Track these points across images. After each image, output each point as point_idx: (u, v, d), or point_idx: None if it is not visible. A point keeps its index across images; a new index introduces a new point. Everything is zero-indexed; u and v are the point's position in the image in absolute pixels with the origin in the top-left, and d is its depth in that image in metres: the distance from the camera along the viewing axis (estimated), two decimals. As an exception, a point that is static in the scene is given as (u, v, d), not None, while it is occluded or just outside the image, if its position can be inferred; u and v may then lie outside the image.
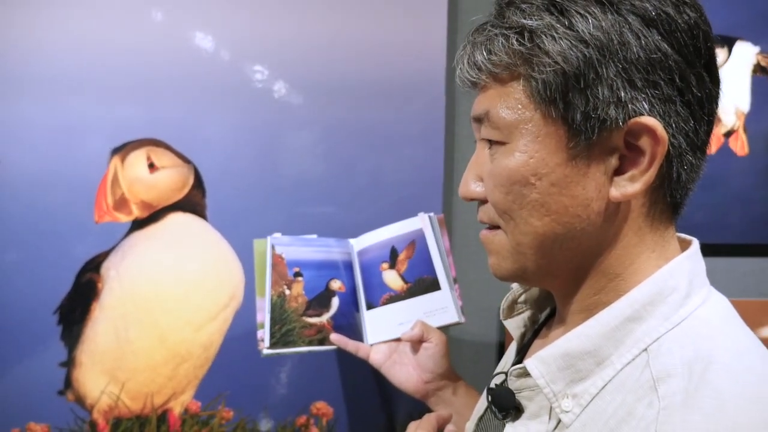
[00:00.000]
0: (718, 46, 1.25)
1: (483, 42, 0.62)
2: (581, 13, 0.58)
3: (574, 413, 0.60)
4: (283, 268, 1.06)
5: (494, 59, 0.60)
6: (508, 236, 0.63)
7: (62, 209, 1.13)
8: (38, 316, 1.14)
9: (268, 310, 1.03)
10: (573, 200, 0.60)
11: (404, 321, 1.04)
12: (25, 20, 1.11)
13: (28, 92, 1.12)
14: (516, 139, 0.60)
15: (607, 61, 0.57)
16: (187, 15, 1.15)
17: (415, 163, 1.22)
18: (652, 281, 0.60)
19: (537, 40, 0.58)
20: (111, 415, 1.16)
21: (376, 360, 1.04)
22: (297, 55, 1.17)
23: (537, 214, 0.61)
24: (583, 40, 0.57)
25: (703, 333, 0.58)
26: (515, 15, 0.60)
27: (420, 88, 1.21)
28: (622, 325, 0.60)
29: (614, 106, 0.57)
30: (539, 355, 0.62)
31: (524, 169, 0.60)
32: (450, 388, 1.01)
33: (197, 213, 1.16)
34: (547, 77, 0.58)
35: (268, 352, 1.01)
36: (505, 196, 0.62)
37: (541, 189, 0.60)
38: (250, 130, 1.18)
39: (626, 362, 0.59)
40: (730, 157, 1.28)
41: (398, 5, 1.19)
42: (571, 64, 0.57)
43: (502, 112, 0.61)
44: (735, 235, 1.30)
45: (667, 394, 0.54)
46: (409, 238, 1.09)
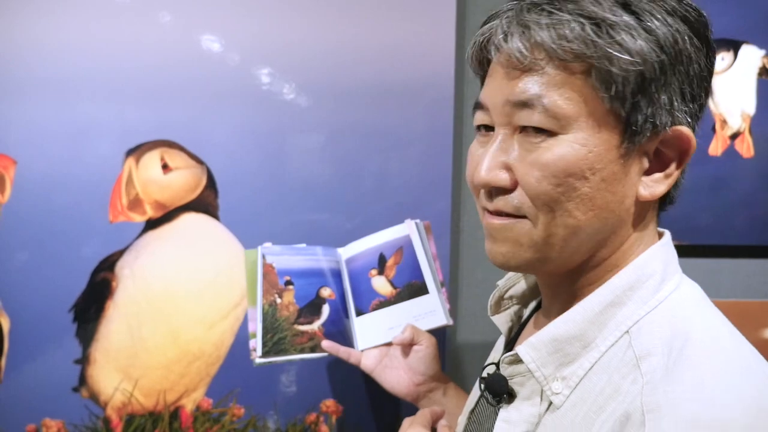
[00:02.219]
0: (724, 49, 1.26)
1: (551, 24, 0.59)
2: (658, 18, 0.59)
3: (563, 395, 0.63)
4: (274, 277, 1.07)
5: (565, 45, 0.58)
6: (538, 227, 0.63)
7: (77, 210, 1.15)
8: (53, 314, 1.16)
9: (259, 319, 1.05)
10: (614, 197, 0.62)
11: (394, 325, 1.05)
12: (36, 24, 1.13)
13: (41, 95, 1.14)
14: (574, 130, 0.60)
15: (675, 70, 0.60)
16: (198, 18, 1.16)
17: (423, 166, 1.23)
18: (631, 268, 0.64)
19: (616, 35, 0.58)
20: (124, 411, 1.18)
21: (368, 365, 1.05)
22: (306, 58, 1.19)
23: (583, 207, 0.61)
24: (660, 46, 0.59)
25: (679, 314, 0.62)
26: (591, 5, 0.59)
27: (428, 90, 1.22)
28: (604, 310, 0.63)
29: (666, 113, 0.60)
30: (530, 342, 0.65)
31: (582, 163, 0.60)
32: (440, 389, 1.02)
33: (210, 213, 1.18)
34: (626, 75, 0.58)
35: (261, 361, 1.03)
36: (554, 188, 0.60)
37: (593, 183, 0.60)
38: (258, 133, 1.19)
39: (610, 344, 0.62)
40: (736, 159, 1.29)
41: (406, 8, 1.20)
42: (648, 66, 0.58)
43: (561, 100, 0.59)
44: (740, 236, 1.31)
45: (649, 370, 0.58)
46: (397, 244, 1.11)
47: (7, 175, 1.14)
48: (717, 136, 1.28)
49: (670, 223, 0.72)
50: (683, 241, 1.27)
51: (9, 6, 1.12)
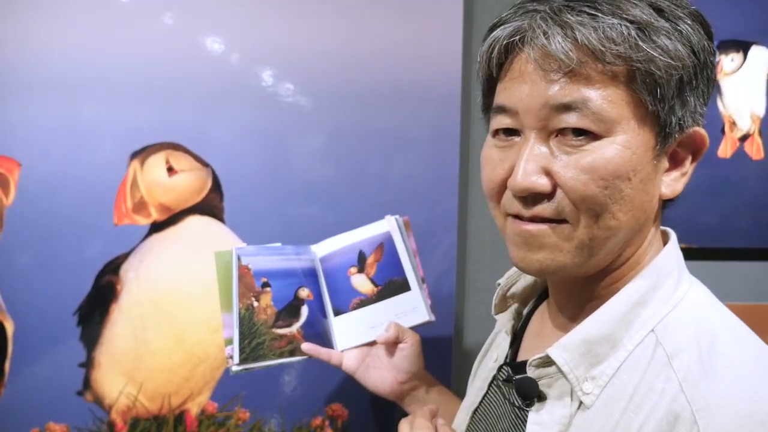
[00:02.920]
0: (734, 50, 1.25)
1: (596, 26, 0.59)
2: (688, 24, 0.61)
3: (594, 394, 0.64)
4: (250, 279, 1.02)
5: (612, 47, 0.58)
6: (579, 230, 0.62)
7: (82, 212, 1.15)
8: (57, 317, 1.15)
9: (236, 324, 1.00)
10: (647, 196, 0.64)
11: (376, 324, 1.03)
12: (41, 26, 1.12)
13: (46, 97, 1.13)
14: (616, 133, 0.60)
15: (702, 75, 0.62)
16: (202, 20, 1.16)
17: (430, 167, 1.22)
18: (653, 268, 0.66)
19: (658, 39, 0.59)
20: (129, 415, 1.17)
21: (350, 366, 1.02)
22: (311, 59, 1.18)
23: (625, 208, 0.62)
24: (693, 50, 0.61)
25: (699, 312, 0.65)
26: (633, 8, 0.59)
27: (435, 91, 1.21)
28: (630, 310, 0.65)
29: (690, 115, 0.63)
30: (561, 343, 0.66)
31: (628, 165, 0.60)
32: (423, 387, 1.02)
33: (215, 216, 1.18)
34: (669, 78, 0.60)
35: (238, 368, 0.98)
36: (602, 190, 0.60)
37: (634, 185, 0.61)
38: (263, 134, 1.19)
39: (636, 343, 0.64)
40: (746, 161, 1.28)
41: (413, 7, 1.20)
42: (687, 70, 0.61)
43: (605, 104, 0.60)
44: (750, 239, 1.30)
45: (682, 367, 0.60)
46: (377, 240, 1.08)
47: (12, 177, 1.13)
48: (726, 138, 1.27)
49: (680, 225, 0.73)
50: (692, 243, 1.26)
51: (13, 8, 1.12)
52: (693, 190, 1.26)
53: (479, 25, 1.23)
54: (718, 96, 1.27)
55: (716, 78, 0.67)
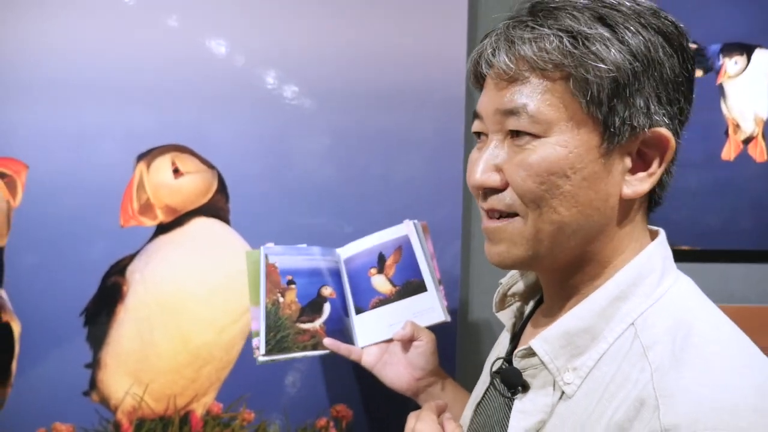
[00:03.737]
0: (737, 53, 1.25)
1: (532, 38, 0.65)
2: (630, 30, 0.65)
3: (575, 384, 0.67)
4: (277, 277, 1.09)
5: (545, 56, 0.65)
6: (528, 224, 0.68)
7: (88, 214, 1.16)
8: (64, 318, 1.16)
9: (263, 318, 1.05)
10: (597, 194, 0.67)
11: (394, 322, 1.07)
12: (46, 29, 1.13)
13: (52, 99, 1.14)
14: (555, 133, 0.66)
15: (648, 76, 0.65)
16: (206, 22, 1.17)
17: (433, 169, 1.23)
18: (633, 265, 0.69)
19: (591, 46, 0.64)
20: (135, 416, 1.18)
21: (368, 361, 1.07)
22: (315, 61, 1.19)
23: (567, 204, 0.67)
24: (633, 54, 0.64)
25: (679, 306, 0.68)
26: (569, 20, 0.65)
27: (438, 93, 1.21)
28: (610, 305, 0.68)
29: (643, 115, 0.66)
30: (542, 336, 0.70)
31: (563, 162, 0.65)
32: (438, 384, 1.05)
33: (221, 218, 1.18)
34: (601, 81, 0.64)
35: (264, 359, 1.03)
36: (538, 186, 0.66)
37: (575, 182, 0.66)
38: (267, 136, 1.19)
39: (616, 336, 0.67)
40: (749, 163, 1.28)
41: (417, 10, 1.20)
42: (622, 73, 0.64)
43: (543, 106, 0.65)
44: (753, 241, 1.30)
45: (656, 358, 0.63)
46: (396, 244, 1.13)
47: (19, 179, 1.14)
48: (730, 141, 1.28)
49: (683, 227, 0.75)
50: (695, 245, 1.26)
51: (18, 10, 1.12)
52: (696, 192, 1.26)
53: (483, 28, 1.23)
54: (721, 98, 1.27)
55: (684, 79, 0.68)
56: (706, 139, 1.27)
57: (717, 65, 1.25)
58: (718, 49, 1.24)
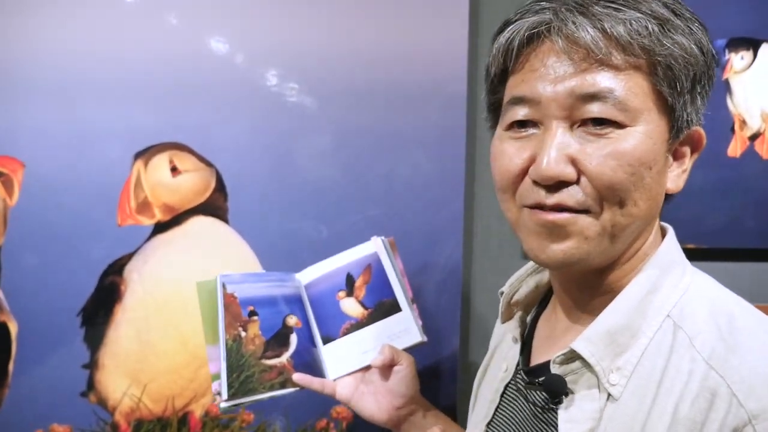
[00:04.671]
0: (744, 48, 1.23)
1: (624, 19, 0.60)
2: (697, 26, 0.64)
3: (621, 385, 0.65)
4: (237, 308, 0.98)
5: (638, 39, 0.61)
6: (602, 218, 0.64)
7: (85, 213, 1.14)
8: (61, 318, 1.15)
9: (223, 357, 0.95)
10: (660, 188, 0.66)
11: (368, 349, 1.00)
12: (44, 27, 1.12)
13: (49, 97, 1.13)
14: (639, 123, 0.63)
15: (708, 75, 0.65)
16: (206, 21, 1.15)
17: (435, 169, 1.21)
18: (658, 258, 0.69)
19: (675, 35, 0.62)
20: (132, 417, 1.17)
21: (343, 394, 1.00)
22: (315, 60, 1.18)
23: (645, 196, 0.64)
24: (703, 51, 0.64)
25: (709, 295, 0.68)
26: (654, 4, 0.62)
27: (440, 92, 1.20)
28: (644, 298, 0.66)
29: (695, 112, 0.65)
30: (585, 336, 0.66)
31: (650, 154, 0.63)
32: (420, 411, 1.00)
33: (219, 216, 1.17)
34: (687, 73, 0.63)
35: (227, 405, 0.94)
36: (629, 176, 0.62)
37: (653, 175, 0.64)
38: (267, 135, 1.18)
39: (655, 330, 0.66)
40: (756, 160, 1.26)
41: (419, 9, 1.19)
42: (699, 68, 0.64)
43: (630, 94, 0.62)
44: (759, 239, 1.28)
45: (705, 347, 0.62)
46: (364, 262, 1.05)
47: (15, 177, 1.13)
48: (736, 137, 1.26)
49: (688, 225, 0.75)
50: (701, 244, 1.25)
51: (17, 9, 1.11)
52: (702, 190, 1.24)
53: (485, 26, 1.22)
54: (727, 94, 1.25)
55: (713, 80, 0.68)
56: (712, 135, 1.23)
57: (723, 60, 1.23)
58: (724, 44, 1.22)
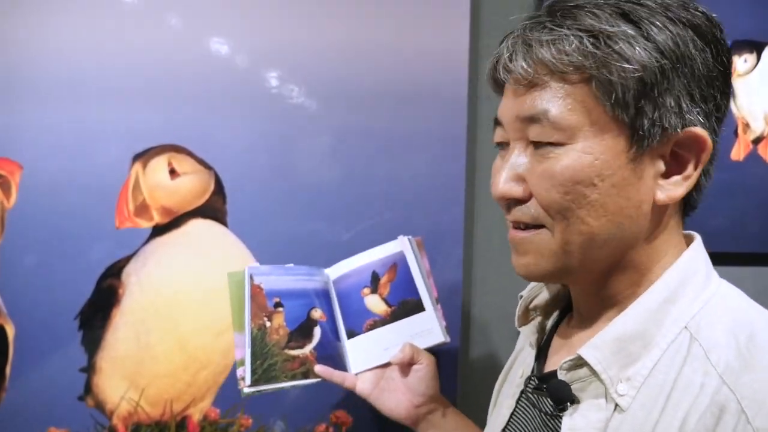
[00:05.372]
0: (747, 51, 1.22)
1: (550, 41, 0.62)
2: (656, 25, 0.61)
3: (630, 396, 0.63)
4: (263, 299, 1.01)
5: (564, 59, 0.61)
6: (555, 235, 0.65)
7: (83, 215, 1.14)
8: (59, 321, 1.14)
9: (248, 345, 0.98)
10: (628, 202, 0.63)
11: (390, 346, 1.01)
12: (43, 28, 1.11)
13: (48, 99, 1.12)
14: (578, 140, 0.62)
15: (677, 73, 0.61)
16: (206, 21, 1.15)
17: (436, 171, 1.21)
18: (678, 267, 0.66)
19: (614, 45, 0.60)
20: (130, 421, 1.16)
21: (364, 389, 1.01)
22: (315, 61, 1.17)
23: (595, 214, 0.63)
24: (660, 51, 0.61)
25: (732, 306, 0.65)
26: (589, 18, 0.62)
27: (441, 93, 1.19)
28: (660, 307, 0.64)
29: (675, 115, 0.62)
30: (592, 343, 0.65)
31: (589, 170, 0.62)
32: (439, 411, 1.00)
33: (218, 219, 1.16)
34: (626, 82, 0.60)
35: (250, 390, 0.97)
36: (563, 196, 0.63)
37: (603, 190, 0.62)
38: (267, 137, 1.17)
39: (670, 341, 0.63)
40: (759, 164, 1.25)
41: (419, 10, 1.18)
42: (648, 72, 0.60)
43: (564, 112, 0.62)
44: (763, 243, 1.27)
45: (720, 360, 0.60)
46: (390, 261, 1.06)
47: (13, 180, 1.12)
48: (739, 141, 1.25)
49: (691, 228, 0.74)
50: (704, 248, 1.24)
51: (16, 9, 1.11)
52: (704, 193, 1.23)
53: (486, 27, 1.21)
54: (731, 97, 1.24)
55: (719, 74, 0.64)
56: (715, 138, 1.24)
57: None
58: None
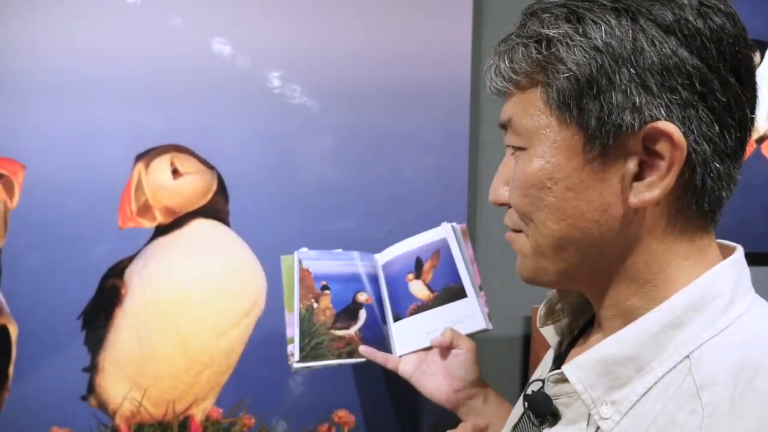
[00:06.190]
0: (750, 50, 1.22)
1: (505, 51, 0.64)
2: (596, 21, 0.59)
3: (613, 420, 0.59)
4: (311, 282, 1.07)
5: (515, 67, 0.62)
6: (529, 238, 0.65)
7: (86, 215, 1.14)
8: (61, 321, 1.14)
9: (297, 323, 1.04)
10: (589, 205, 0.60)
11: (432, 330, 1.03)
12: (46, 28, 1.11)
13: (50, 99, 1.12)
14: (535, 144, 0.62)
15: (620, 68, 0.57)
16: (209, 22, 1.15)
17: (438, 171, 1.21)
18: (693, 288, 0.59)
19: (553, 48, 0.60)
20: (133, 420, 1.16)
21: (406, 371, 1.03)
22: (318, 61, 1.17)
23: (553, 217, 0.62)
24: (596, 47, 0.58)
25: (748, 339, 0.57)
26: (535, 25, 0.62)
27: (444, 93, 1.20)
28: (662, 332, 0.59)
29: (629, 111, 0.57)
30: (577, 361, 0.62)
31: (540, 173, 0.62)
32: (481, 396, 1.00)
33: (220, 219, 1.16)
34: (560, 84, 0.59)
35: (299, 366, 1.01)
36: (522, 199, 0.64)
37: (557, 193, 0.61)
38: (270, 137, 1.17)
39: (667, 369, 0.58)
40: (762, 164, 1.25)
41: (422, 10, 1.18)
42: (584, 70, 0.58)
43: (522, 118, 0.63)
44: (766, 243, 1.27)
45: (711, 402, 0.54)
46: (434, 247, 1.09)
47: (16, 180, 1.12)
48: (742, 140, 1.25)
49: None
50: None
51: (18, 10, 1.11)
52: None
53: (489, 28, 1.21)
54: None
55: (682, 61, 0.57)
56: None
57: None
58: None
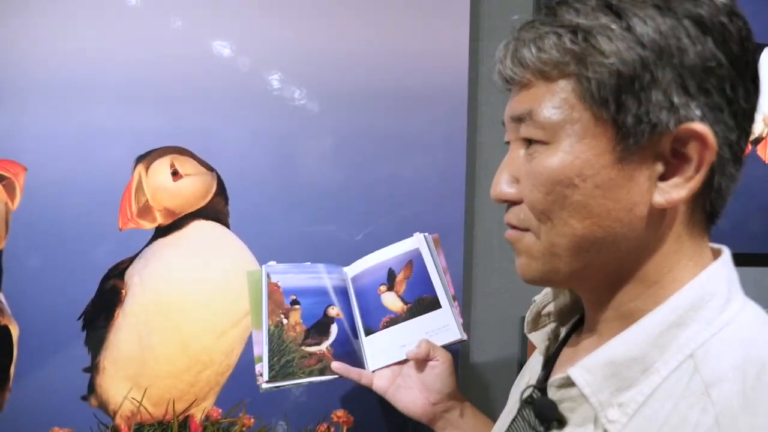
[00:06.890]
0: (746, 52, 1.23)
1: (532, 39, 0.61)
2: (640, 16, 0.57)
3: (621, 423, 0.59)
4: (280, 297, 1.04)
5: (544, 57, 0.60)
6: (541, 238, 0.62)
7: (87, 216, 1.14)
8: (62, 321, 1.15)
9: (265, 341, 1.00)
10: (616, 204, 0.59)
11: (406, 343, 1.01)
12: (47, 29, 1.12)
13: (51, 101, 1.13)
14: (561, 139, 0.60)
15: (664, 65, 0.57)
16: (209, 23, 1.15)
17: (436, 173, 1.21)
18: (692, 287, 0.60)
19: (591, 39, 0.58)
20: (133, 421, 1.17)
21: (380, 386, 1.01)
22: (317, 63, 1.18)
23: (578, 216, 0.60)
24: (641, 43, 0.57)
25: (750, 336, 0.58)
26: (569, 14, 0.59)
27: (441, 95, 1.20)
28: (666, 331, 0.59)
29: (666, 110, 0.57)
30: (583, 364, 0.61)
31: (569, 170, 0.59)
32: (457, 409, 0.99)
33: (220, 220, 1.17)
34: (601, 77, 0.57)
35: (267, 386, 0.98)
36: (545, 197, 0.61)
37: (585, 191, 0.59)
38: (269, 139, 1.18)
39: (672, 369, 0.58)
40: (759, 165, 1.25)
41: (420, 12, 1.19)
42: (628, 65, 0.57)
43: (547, 111, 0.60)
44: (763, 244, 1.28)
45: (721, 398, 0.54)
46: (406, 258, 1.07)
47: (17, 181, 1.13)
48: (738, 142, 1.25)
49: None
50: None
51: (19, 11, 1.12)
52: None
53: (487, 30, 1.22)
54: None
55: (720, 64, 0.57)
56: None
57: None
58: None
